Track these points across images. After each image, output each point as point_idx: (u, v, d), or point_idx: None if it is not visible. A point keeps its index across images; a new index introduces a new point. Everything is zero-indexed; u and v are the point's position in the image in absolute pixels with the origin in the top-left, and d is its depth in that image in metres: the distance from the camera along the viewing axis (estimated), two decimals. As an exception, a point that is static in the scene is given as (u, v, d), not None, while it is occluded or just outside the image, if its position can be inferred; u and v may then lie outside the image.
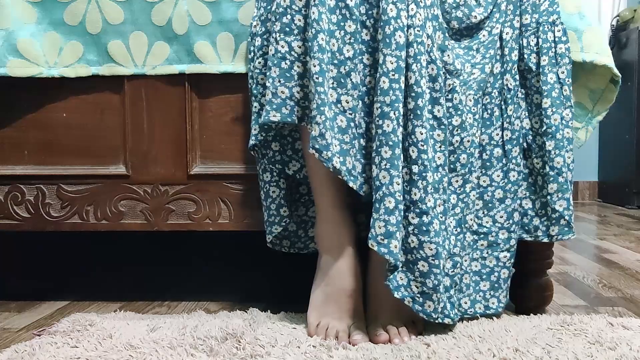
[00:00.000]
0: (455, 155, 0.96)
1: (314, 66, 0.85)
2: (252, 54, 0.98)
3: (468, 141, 0.96)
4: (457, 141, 0.95)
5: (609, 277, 1.40)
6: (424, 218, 0.87)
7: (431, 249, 0.87)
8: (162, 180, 1.08)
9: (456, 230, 0.96)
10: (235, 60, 1.04)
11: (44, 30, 1.04)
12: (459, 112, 0.95)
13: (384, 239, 0.85)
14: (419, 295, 0.88)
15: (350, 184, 0.88)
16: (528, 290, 1.07)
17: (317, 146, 0.84)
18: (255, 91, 0.97)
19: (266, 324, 0.96)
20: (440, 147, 0.91)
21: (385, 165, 0.86)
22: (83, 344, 0.87)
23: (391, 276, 0.88)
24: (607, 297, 1.22)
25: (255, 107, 0.97)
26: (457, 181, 0.96)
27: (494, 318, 0.99)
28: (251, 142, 0.96)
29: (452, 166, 0.96)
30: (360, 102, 0.90)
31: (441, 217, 0.89)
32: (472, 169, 0.98)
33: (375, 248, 0.86)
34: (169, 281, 1.39)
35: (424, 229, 0.87)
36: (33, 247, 1.77)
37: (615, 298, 1.21)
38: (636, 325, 0.94)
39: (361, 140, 0.90)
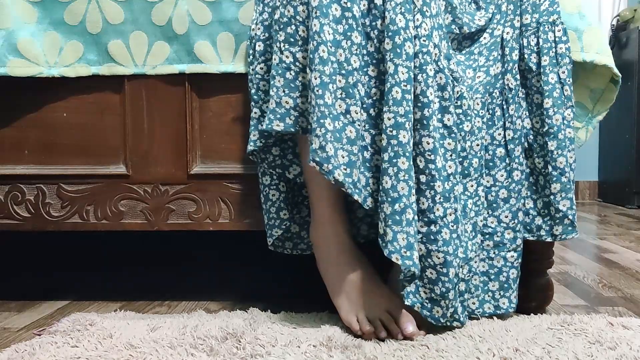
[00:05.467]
0: (468, 161, 0.96)
1: (315, 78, 0.84)
2: (252, 57, 0.97)
3: (477, 145, 0.97)
4: (468, 146, 0.96)
5: (609, 276, 1.40)
6: (432, 227, 0.88)
7: (439, 258, 0.88)
8: (162, 180, 1.08)
9: (472, 235, 0.96)
10: (235, 60, 1.04)
11: (44, 30, 1.04)
12: (469, 118, 0.95)
13: (406, 251, 0.84)
14: (427, 301, 0.89)
15: (356, 197, 0.86)
16: (529, 290, 1.07)
17: (317, 159, 0.83)
18: (255, 97, 0.97)
19: (266, 323, 0.96)
20: (451, 155, 0.91)
21: (404, 176, 0.85)
22: (83, 343, 0.87)
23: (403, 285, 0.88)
24: (607, 296, 1.22)
25: (255, 112, 0.96)
26: (472, 186, 0.97)
27: (494, 318, 0.99)
28: (250, 147, 0.96)
29: (465, 172, 0.96)
30: (365, 114, 0.89)
31: (452, 226, 0.89)
32: (483, 171, 0.99)
33: (400, 262, 0.84)
34: (169, 281, 1.39)
35: (432, 237, 0.88)
36: (33, 247, 1.78)
37: (615, 298, 1.21)
38: (636, 325, 0.94)
39: (365, 152, 0.89)
